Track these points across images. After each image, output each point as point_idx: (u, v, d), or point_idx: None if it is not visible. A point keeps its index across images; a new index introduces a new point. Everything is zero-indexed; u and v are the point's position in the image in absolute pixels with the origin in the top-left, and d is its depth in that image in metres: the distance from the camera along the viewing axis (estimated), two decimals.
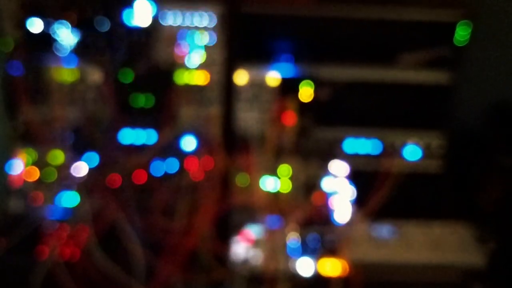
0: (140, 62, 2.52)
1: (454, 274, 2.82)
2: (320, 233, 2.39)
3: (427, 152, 2.87)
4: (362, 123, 2.85)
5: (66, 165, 2.47)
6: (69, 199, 2.46)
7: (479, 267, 2.78)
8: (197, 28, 2.56)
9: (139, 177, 2.39)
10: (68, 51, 2.46)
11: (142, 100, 2.48)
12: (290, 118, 2.74)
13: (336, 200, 2.59)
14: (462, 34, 2.70)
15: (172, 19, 2.52)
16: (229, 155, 2.67)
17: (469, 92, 3.01)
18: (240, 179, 2.61)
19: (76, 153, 2.50)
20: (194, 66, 2.55)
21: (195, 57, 2.54)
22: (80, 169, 2.46)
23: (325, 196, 2.69)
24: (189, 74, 2.56)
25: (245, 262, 2.21)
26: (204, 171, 2.52)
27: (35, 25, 2.38)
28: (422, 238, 2.72)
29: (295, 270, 2.28)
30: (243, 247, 2.23)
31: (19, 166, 2.43)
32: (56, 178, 2.47)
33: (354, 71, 2.75)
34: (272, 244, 2.26)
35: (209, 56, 2.64)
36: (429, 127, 2.86)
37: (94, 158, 2.48)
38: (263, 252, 2.22)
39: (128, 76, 2.53)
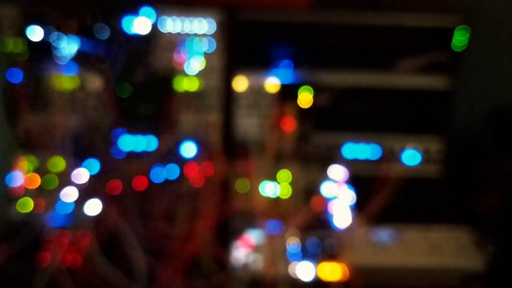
0: (139, 69, 2.53)
1: (453, 278, 2.83)
2: (320, 237, 2.40)
3: (426, 157, 2.88)
4: (361, 128, 2.86)
5: (67, 172, 2.48)
6: (70, 205, 2.47)
7: (477, 271, 2.79)
8: (196, 35, 2.57)
9: (140, 184, 2.40)
10: (68, 58, 2.47)
11: (142, 107, 2.49)
12: (290, 124, 2.75)
13: (336, 205, 2.60)
14: (459, 39, 2.71)
15: (172, 26, 2.53)
16: (229, 161, 2.68)
17: (468, 97, 3.02)
18: (240, 185, 2.62)
19: (77, 160, 2.51)
20: (193, 73, 2.56)
21: (195, 64, 2.56)
22: (81, 176, 2.47)
23: (325, 201, 2.69)
24: (188, 81, 2.57)
25: (246, 267, 2.22)
26: (204, 177, 2.53)
27: (35, 33, 2.39)
28: (422, 243, 2.72)
29: (295, 275, 2.29)
30: (244, 252, 2.24)
31: (20, 173, 2.44)
32: (57, 185, 2.47)
33: (353, 76, 2.76)
34: (272, 249, 2.27)
35: (208, 62, 2.65)
36: (428, 132, 2.87)
37: (94, 165, 2.49)
38: (263, 257, 2.23)
39: (127, 83, 2.54)
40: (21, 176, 2.45)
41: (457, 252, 2.76)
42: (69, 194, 2.47)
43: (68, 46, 2.46)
